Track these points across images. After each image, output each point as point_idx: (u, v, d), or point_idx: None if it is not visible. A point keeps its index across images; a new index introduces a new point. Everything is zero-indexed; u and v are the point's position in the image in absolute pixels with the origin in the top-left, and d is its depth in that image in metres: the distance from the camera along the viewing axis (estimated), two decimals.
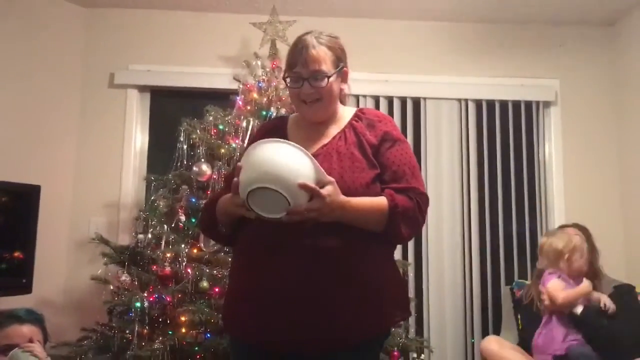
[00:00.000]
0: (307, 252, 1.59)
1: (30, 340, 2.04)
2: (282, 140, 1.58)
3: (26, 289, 3.28)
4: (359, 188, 1.64)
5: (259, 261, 1.65)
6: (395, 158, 1.73)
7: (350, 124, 1.78)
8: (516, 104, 4.03)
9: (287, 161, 1.50)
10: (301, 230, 1.58)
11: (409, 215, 1.67)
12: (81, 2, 3.86)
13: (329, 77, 1.73)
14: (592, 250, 3.08)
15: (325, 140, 1.76)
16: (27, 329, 2.07)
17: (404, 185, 1.70)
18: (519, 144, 4.00)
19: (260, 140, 1.57)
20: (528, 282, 3.37)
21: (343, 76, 1.82)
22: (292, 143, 1.57)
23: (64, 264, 3.62)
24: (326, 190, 1.54)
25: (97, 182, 3.75)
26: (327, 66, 1.73)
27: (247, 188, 1.51)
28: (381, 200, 1.65)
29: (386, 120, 1.81)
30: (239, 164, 1.58)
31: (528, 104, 4.04)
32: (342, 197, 1.58)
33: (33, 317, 2.13)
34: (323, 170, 1.56)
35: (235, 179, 1.57)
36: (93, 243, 3.31)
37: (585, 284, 2.84)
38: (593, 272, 3.01)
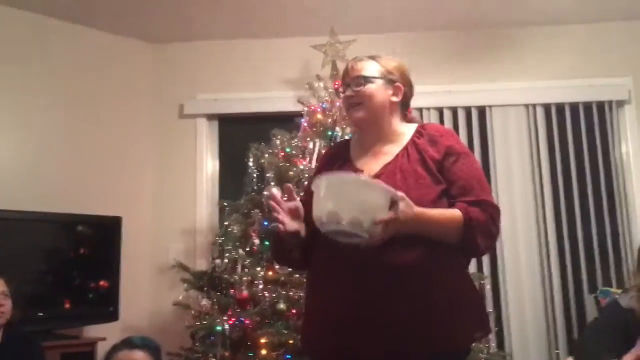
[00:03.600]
0: (382, 270, 1.60)
1: None
2: (347, 174, 1.65)
3: (114, 316, 3.45)
4: (426, 205, 1.63)
5: (332, 281, 1.67)
6: (461, 172, 1.72)
7: (412, 140, 1.78)
8: (587, 106, 3.90)
9: (359, 200, 1.51)
10: (374, 248, 1.58)
11: (484, 228, 1.66)
12: (148, 38, 4.05)
13: (368, 80, 1.78)
14: None
15: (388, 158, 1.76)
16: (138, 356, 1.99)
17: (474, 199, 1.68)
18: (593, 147, 3.86)
19: (328, 176, 1.60)
20: (613, 289, 3.24)
21: (395, 90, 1.83)
22: (357, 175, 1.61)
23: (147, 290, 3.76)
24: (400, 209, 1.54)
25: (173, 210, 3.90)
26: (369, 73, 1.80)
27: (322, 227, 1.55)
28: (455, 212, 1.65)
29: (448, 135, 1.80)
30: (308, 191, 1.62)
31: (600, 105, 3.89)
32: (416, 209, 1.58)
33: (145, 344, 2.03)
34: (392, 189, 1.55)
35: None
36: (173, 269, 3.45)
37: None
38: None
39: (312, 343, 1.77)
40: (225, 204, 3.53)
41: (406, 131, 1.82)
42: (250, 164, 3.43)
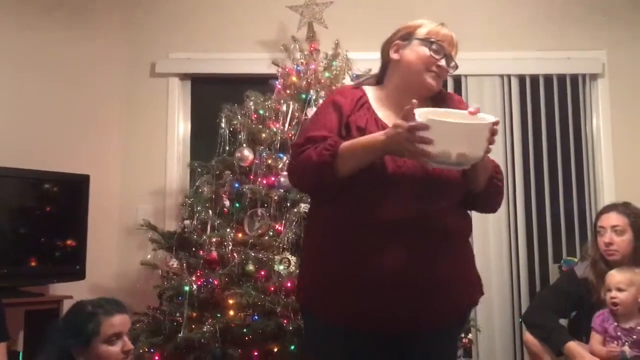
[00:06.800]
0: (427, 234, 1.67)
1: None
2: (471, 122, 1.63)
3: (80, 275, 3.42)
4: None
5: (371, 240, 1.66)
6: None
7: (439, 104, 1.81)
8: (561, 78, 3.92)
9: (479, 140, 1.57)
10: (417, 209, 1.66)
11: (501, 185, 1.83)
12: None
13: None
14: None
15: None
16: (126, 319, 2.01)
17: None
18: (565, 119, 3.89)
19: (450, 121, 1.58)
20: (576, 259, 3.30)
21: None
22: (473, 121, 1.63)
23: (114, 250, 3.73)
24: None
25: (143, 170, 3.84)
26: None
27: (439, 161, 1.54)
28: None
29: (464, 103, 1.92)
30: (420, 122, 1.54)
31: (574, 78, 3.92)
32: None
33: (126, 307, 2.04)
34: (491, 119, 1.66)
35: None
36: (142, 230, 3.41)
37: None
38: None
39: (330, 307, 1.72)
40: (196, 164, 3.49)
41: None
42: (223, 125, 3.39)
